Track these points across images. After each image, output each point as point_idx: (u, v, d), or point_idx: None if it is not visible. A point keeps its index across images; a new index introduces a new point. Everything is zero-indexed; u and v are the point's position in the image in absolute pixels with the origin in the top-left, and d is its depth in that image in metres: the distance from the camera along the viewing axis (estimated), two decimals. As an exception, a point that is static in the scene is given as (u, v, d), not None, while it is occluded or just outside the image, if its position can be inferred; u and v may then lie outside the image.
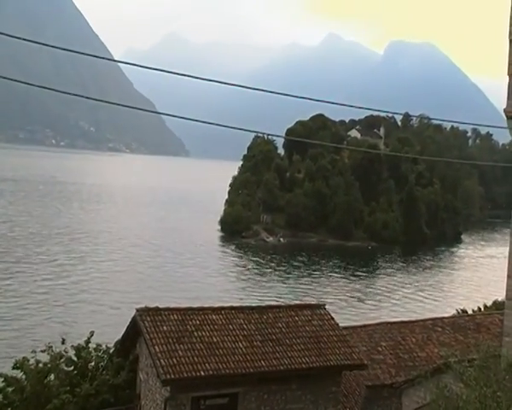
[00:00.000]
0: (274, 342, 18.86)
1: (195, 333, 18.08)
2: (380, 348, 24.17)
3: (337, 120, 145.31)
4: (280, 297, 65.00)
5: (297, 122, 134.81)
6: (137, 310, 18.74)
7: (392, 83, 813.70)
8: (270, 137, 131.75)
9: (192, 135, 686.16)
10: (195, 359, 17.18)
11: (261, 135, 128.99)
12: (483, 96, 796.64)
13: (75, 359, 20.15)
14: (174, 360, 16.98)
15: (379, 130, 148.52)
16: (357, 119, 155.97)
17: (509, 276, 21.27)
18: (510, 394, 9.50)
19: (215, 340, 18.09)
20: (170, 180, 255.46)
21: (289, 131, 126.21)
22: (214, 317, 19.03)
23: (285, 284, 77.37)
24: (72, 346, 20.48)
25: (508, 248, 19.43)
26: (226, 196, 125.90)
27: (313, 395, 18.85)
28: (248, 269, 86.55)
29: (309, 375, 18.77)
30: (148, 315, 18.35)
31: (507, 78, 21.11)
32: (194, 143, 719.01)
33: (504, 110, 21.31)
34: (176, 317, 18.38)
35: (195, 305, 20.36)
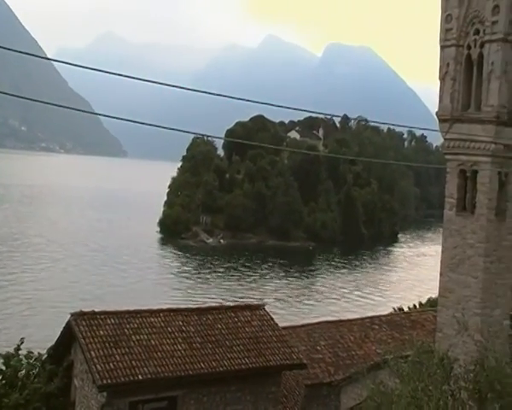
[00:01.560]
0: (213, 343, 18.68)
1: (133, 337, 17.67)
2: (319, 347, 24.42)
3: (277, 121, 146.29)
4: (220, 298, 64.79)
5: (236, 123, 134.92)
6: (72, 314, 18.15)
7: (331, 85, 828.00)
8: (209, 138, 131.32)
9: (130, 135, 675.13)
10: (133, 363, 16.79)
11: (201, 136, 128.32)
12: (418, 99, 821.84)
13: (3, 368, 19.28)
14: (111, 364, 16.54)
15: (318, 131, 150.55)
16: (296, 120, 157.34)
17: (441, 274, 21.97)
18: (441, 387, 9.78)
19: (153, 343, 17.74)
20: (106, 181, 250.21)
21: (229, 133, 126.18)
22: (152, 320, 18.66)
23: (225, 285, 77.23)
24: (0, 354, 19.59)
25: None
26: (165, 198, 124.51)
27: (253, 395, 18.78)
28: (188, 271, 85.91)
29: (249, 376, 18.69)
30: (83, 320, 17.79)
31: (439, 82, 21.82)
32: (132, 144, 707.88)
33: (436, 113, 22.01)
34: (112, 321, 17.90)
35: (133, 308, 19.89)
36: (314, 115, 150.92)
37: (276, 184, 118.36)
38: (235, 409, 18.50)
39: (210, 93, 13.41)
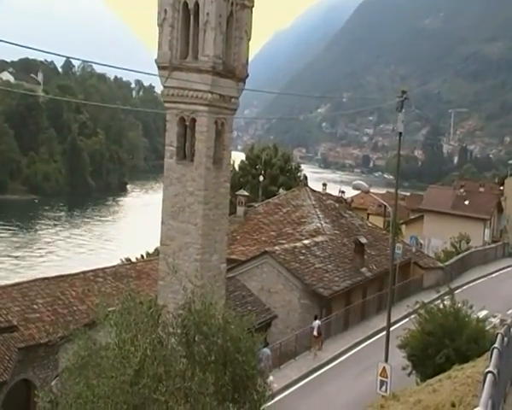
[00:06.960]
0: None
1: None
2: (36, 306, 23.26)
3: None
4: None
5: None
6: None
7: (50, 27, 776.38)
8: None
9: None
10: None
11: None
12: (144, 48, 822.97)
13: None
14: None
15: (36, 75, 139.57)
16: (9, 60, 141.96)
17: (162, 222, 22.09)
18: (149, 336, 9.72)
19: None
20: None
21: None
22: None
23: None
24: None
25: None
26: None
27: None
28: None
29: None
30: None
31: (158, 29, 21.36)
32: None
33: (156, 60, 21.57)
34: None
35: None
36: (31, 58, 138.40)
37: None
38: None
39: None
